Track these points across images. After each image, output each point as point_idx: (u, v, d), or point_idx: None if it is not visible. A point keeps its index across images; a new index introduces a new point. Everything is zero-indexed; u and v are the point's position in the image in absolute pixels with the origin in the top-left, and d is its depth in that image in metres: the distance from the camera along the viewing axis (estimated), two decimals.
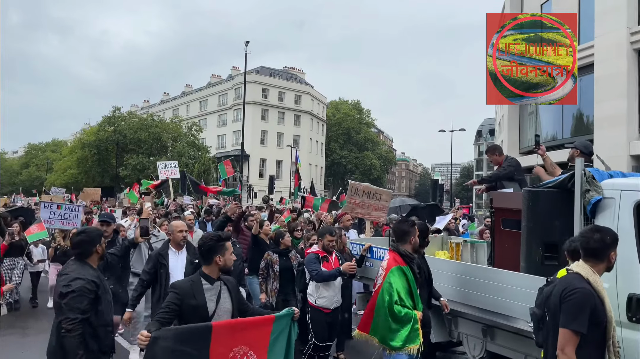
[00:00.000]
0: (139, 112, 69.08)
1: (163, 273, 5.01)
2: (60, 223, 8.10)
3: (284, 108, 59.82)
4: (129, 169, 43.91)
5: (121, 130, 45.90)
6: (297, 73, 67.38)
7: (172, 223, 5.78)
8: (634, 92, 15.42)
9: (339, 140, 67.54)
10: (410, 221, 4.49)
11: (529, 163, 21.29)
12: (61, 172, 52.19)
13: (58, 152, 67.93)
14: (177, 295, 3.26)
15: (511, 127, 22.55)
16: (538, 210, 4.62)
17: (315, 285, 5.54)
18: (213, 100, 63.57)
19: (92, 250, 3.77)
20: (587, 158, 4.98)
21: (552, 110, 20.11)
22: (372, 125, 75.45)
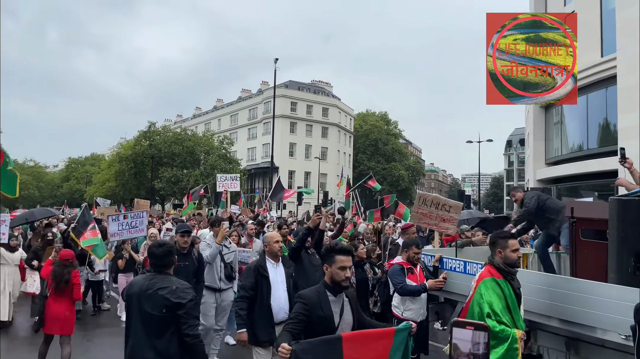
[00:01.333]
0: (172, 126, 71.48)
1: (265, 286, 4.72)
2: (129, 232, 8.17)
3: (311, 121, 60.91)
4: (163, 182, 45.56)
5: (156, 144, 47.73)
6: (325, 86, 68.51)
7: (267, 234, 5.52)
8: None
9: (367, 151, 68.05)
10: (503, 232, 4.21)
11: (555, 174, 21.48)
12: (100, 185, 54.44)
13: (96, 166, 70.73)
14: (305, 306, 3.20)
15: (537, 138, 22.70)
16: (629, 219, 4.45)
17: (401, 298, 5.40)
18: (243, 114, 65.25)
19: (172, 262, 3.83)
20: None
21: (578, 120, 20.26)
22: (399, 136, 75.67)
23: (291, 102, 59.59)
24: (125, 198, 45.27)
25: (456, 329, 2.83)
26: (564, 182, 21.44)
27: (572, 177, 20.39)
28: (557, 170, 21.10)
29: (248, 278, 4.77)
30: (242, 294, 4.71)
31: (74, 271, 6.22)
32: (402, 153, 71.86)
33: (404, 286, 5.26)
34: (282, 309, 4.70)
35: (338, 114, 63.65)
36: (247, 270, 4.92)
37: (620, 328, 3.79)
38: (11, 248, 8.83)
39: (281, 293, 4.77)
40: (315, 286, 3.41)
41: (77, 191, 72.44)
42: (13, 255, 8.83)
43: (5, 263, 8.70)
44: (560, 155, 21.27)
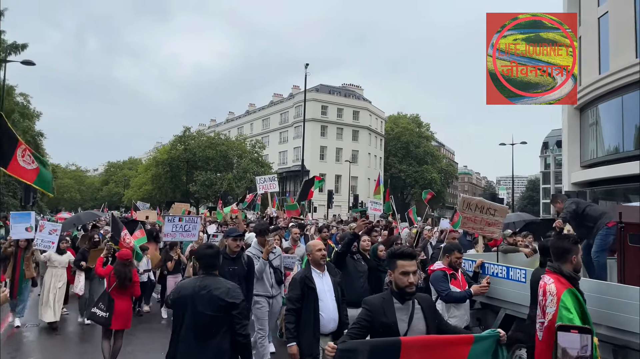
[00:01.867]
0: (206, 130, 73.13)
1: (312, 297, 4.60)
2: (181, 235, 8.20)
3: (342, 124, 61.16)
4: (198, 185, 46.78)
5: (191, 148, 49.08)
6: (355, 89, 68.66)
7: (309, 242, 5.37)
8: None
9: (398, 154, 67.74)
10: (572, 237, 3.92)
11: (590, 177, 21.01)
12: (137, 188, 56.32)
13: (134, 170, 73.11)
14: (369, 312, 3.13)
15: (572, 141, 22.26)
16: None
17: (445, 305, 5.21)
18: (275, 118, 66.12)
19: (219, 264, 4.00)
20: None
21: (614, 122, 19.80)
22: (431, 139, 74.97)
23: (322, 105, 60.00)
24: (161, 201, 46.74)
25: (561, 333, 2.92)
26: (599, 185, 20.96)
27: (608, 180, 19.92)
28: (592, 173, 20.65)
29: (294, 289, 4.65)
30: (290, 307, 4.59)
31: (134, 270, 6.64)
32: (434, 155, 71.16)
33: (449, 293, 5.08)
34: (332, 319, 4.66)
35: (369, 117, 63.68)
36: (293, 282, 4.82)
37: None
38: (60, 250, 9.11)
39: (330, 303, 4.68)
40: (382, 293, 3.36)
41: (116, 194, 75.08)
42: (61, 257, 9.16)
43: (52, 265, 9.03)
44: (596, 158, 20.81)
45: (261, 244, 6.41)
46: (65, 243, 9.38)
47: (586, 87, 20.39)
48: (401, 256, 3.19)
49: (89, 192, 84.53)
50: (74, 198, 76.65)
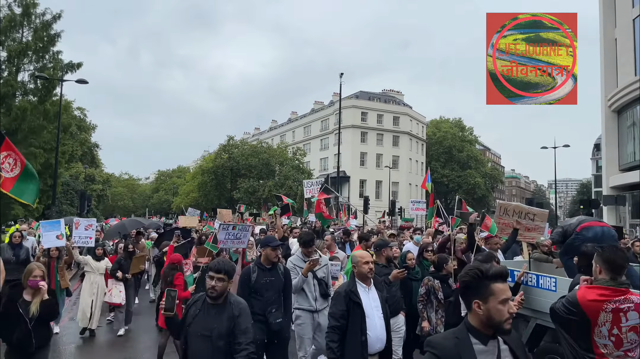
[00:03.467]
0: (250, 139, 75.26)
1: (358, 314, 4.19)
2: (232, 243, 8.14)
3: (382, 130, 61.42)
4: (241, 192, 48.37)
5: (235, 156, 50.87)
6: (396, 95, 68.76)
7: (355, 253, 4.78)
8: None
9: (440, 159, 67.15)
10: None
11: (629, 181, 20.52)
12: (185, 196, 58.76)
13: (182, 178, 76.14)
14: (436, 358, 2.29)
15: (609, 143, 21.81)
16: None
17: None
18: (316, 126, 67.22)
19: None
20: None
21: None
22: (475, 143, 73.80)
23: (361, 112, 60.55)
24: (207, 208, 48.68)
25: None
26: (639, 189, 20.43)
27: None
28: (631, 177, 20.17)
29: (338, 304, 4.23)
30: (333, 324, 4.18)
31: (177, 273, 7.03)
32: (477, 159, 70.02)
33: None
34: (379, 339, 4.25)
35: (409, 122, 63.59)
36: (336, 296, 4.34)
37: None
38: (97, 256, 9.19)
39: (377, 321, 4.26)
40: (453, 330, 2.43)
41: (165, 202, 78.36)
42: (99, 263, 9.15)
43: (91, 271, 9.05)
44: (635, 161, 20.32)
45: (306, 255, 5.91)
46: (100, 249, 9.42)
47: (623, 89, 20.01)
48: (497, 278, 2.31)
49: (140, 200, 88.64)
50: (127, 206, 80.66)
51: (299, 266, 5.84)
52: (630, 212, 20.02)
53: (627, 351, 3.26)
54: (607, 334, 3.27)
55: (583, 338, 3.33)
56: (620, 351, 3.25)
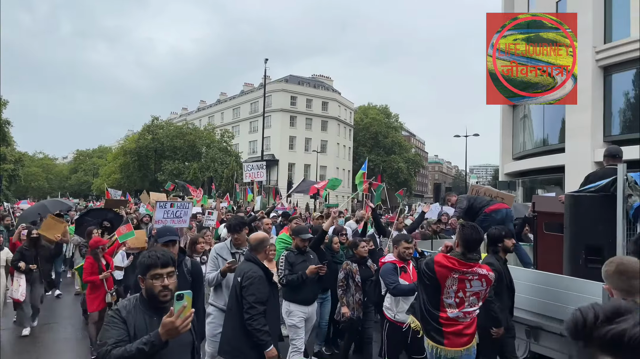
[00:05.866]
0: (177, 119, 73.43)
1: (275, 295, 4.35)
2: (172, 221, 7.58)
3: (311, 115, 62.40)
4: (166, 174, 47.49)
5: (159, 138, 49.68)
6: (325, 80, 69.88)
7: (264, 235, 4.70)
8: (598, 106, 16.94)
9: (367, 144, 69.34)
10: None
11: (520, 168, 22.86)
12: (106, 177, 56.61)
13: (103, 158, 72.96)
14: None
15: (505, 134, 24.03)
16: (581, 214, 4.61)
17: (394, 299, 5.07)
18: (245, 108, 66.86)
19: None
20: (618, 161, 5.05)
21: (540, 116, 21.59)
22: (400, 129, 76.78)
23: (291, 96, 61.09)
24: (130, 190, 47.34)
25: None
26: (528, 176, 22.83)
27: (536, 171, 21.78)
28: (521, 165, 22.46)
29: (262, 288, 4.12)
30: (262, 309, 4.06)
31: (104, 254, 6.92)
32: (402, 145, 72.92)
33: (397, 286, 4.93)
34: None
35: (338, 108, 65.04)
36: (257, 281, 4.14)
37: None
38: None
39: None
40: None
41: (85, 183, 74.80)
42: None
43: None
44: (525, 150, 22.63)
45: (235, 244, 5.15)
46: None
47: None
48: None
49: (57, 181, 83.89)
50: (42, 187, 76.14)
51: (221, 257, 5.04)
52: (522, 196, 22.31)
53: (466, 312, 3.92)
54: (453, 295, 3.84)
55: (435, 296, 3.89)
56: (461, 311, 3.88)
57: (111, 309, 2.63)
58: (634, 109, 16.99)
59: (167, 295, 2.59)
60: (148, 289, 2.62)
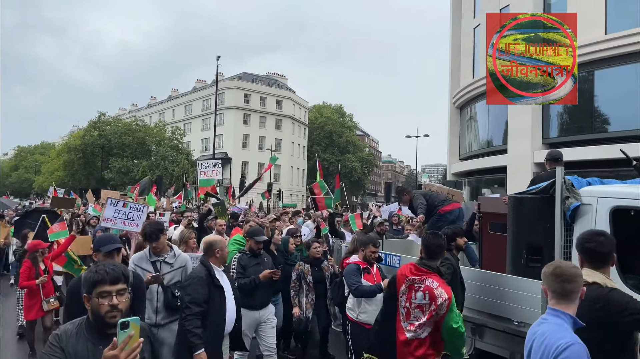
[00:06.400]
0: (126, 115, 71.03)
1: (218, 297, 4.24)
2: (123, 223, 7.08)
3: (265, 113, 62.00)
4: (113, 172, 45.87)
5: (106, 134, 47.89)
6: (279, 78, 69.62)
7: (216, 238, 4.64)
8: (538, 110, 17.78)
9: (321, 143, 69.61)
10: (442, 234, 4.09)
11: (466, 168, 23.65)
12: (49, 175, 54.03)
13: (47, 155, 69.57)
14: None
15: (452, 135, 24.82)
16: (522, 215, 4.75)
17: (356, 299, 5.08)
18: (197, 105, 65.58)
19: None
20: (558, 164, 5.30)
21: (485, 118, 22.42)
22: (355, 129, 77.62)
23: (245, 93, 60.45)
24: (75, 189, 45.38)
25: None
26: (474, 175, 23.66)
27: (481, 171, 22.60)
28: (467, 165, 23.24)
29: (200, 289, 4.11)
30: (196, 310, 4.04)
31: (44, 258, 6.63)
32: (355, 145, 73.73)
33: (358, 287, 4.96)
34: (231, 320, 4.40)
35: (292, 106, 64.96)
36: (197, 281, 4.16)
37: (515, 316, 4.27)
38: None
39: (230, 303, 4.39)
40: None
41: (26, 181, 71.16)
42: None
43: None
44: (471, 151, 23.43)
45: (154, 253, 4.69)
46: None
47: (464, 88, 22.88)
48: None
49: None
50: None
51: (140, 268, 4.56)
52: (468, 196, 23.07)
53: (412, 324, 3.72)
54: (403, 304, 3.77)
55: (394, 303, 3.86)
56: (408, 322, 3.75)
57: (52, 334, 2.27)
58: (570, 113, 17.94)
59: (116, 317, 2.24)
60: (94, 310, 2.26)
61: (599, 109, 16.86)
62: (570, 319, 2.28)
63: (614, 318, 2.56)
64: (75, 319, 2.36)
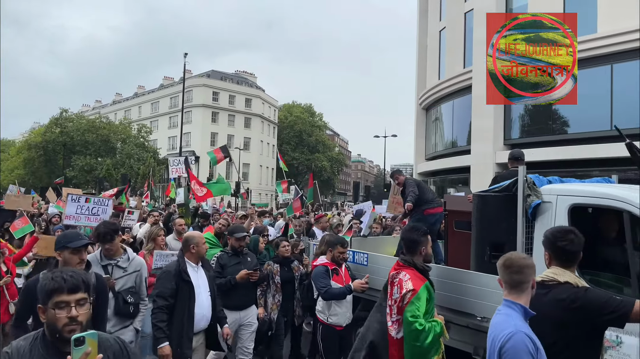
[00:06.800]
0: (90, 112, 69.09)
1: (187, 292, 4.23)
2: (87, 219, 6.88)
3: (234, 111, 61.49)
4: (76, 170, 44.61)
5: (68, 131, 46.52)
6: (248, 77, 69.14)
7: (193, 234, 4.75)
8: (499, 111, 18.33)
9: (291, 142, 69.54)
10: (421, 229, 3.95)
11: (431, 168, 24.13)
12: (8, 173, 52.04)
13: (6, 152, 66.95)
14: None
15: (419, 135, 25.28)
16: (486, 213, 4.84)
17: (326, 302, 5.03)
18: (165, 102, 64.45)
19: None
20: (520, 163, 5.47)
21: (450, 120, 22.93)
22: (324, 128, 77.85)
23: (213, 91, 59.78)
24: (35, 187, 43.87)
25: None
26: (439, 175, 24.16)
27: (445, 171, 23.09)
28: (433, 165, 23.72)
29: (167, 283, 4.17)
30: (162, 304, 4.11)
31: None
32: (325, 144, 73.99)
33: (328, 291, 4.88)
34: (204, 316, 4.39)
35: (261, 105, 64.62)
36: (165, 275, 4.26)
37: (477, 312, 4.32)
38: None
39: (204, 299, 4.37)
40: None
41: None
42: None
43: None
44: (436, 151, 23.92)
45: (106, 256, 4.43)
46: None
47: (430, 90, 23.31)
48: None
49: None
50: None
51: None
52: None
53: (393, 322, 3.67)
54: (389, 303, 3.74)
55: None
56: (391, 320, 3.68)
57: (2, 353, 2.05)
58: (531, 115, 18.54)
59: (75, 330, 1.98)
60: (49, 322, 2.00)
61: (558, 112, 17.50)
62: (521, 309, 2.34)
63: (593, 318, 2.55)
64: (28, 334, 2.13)
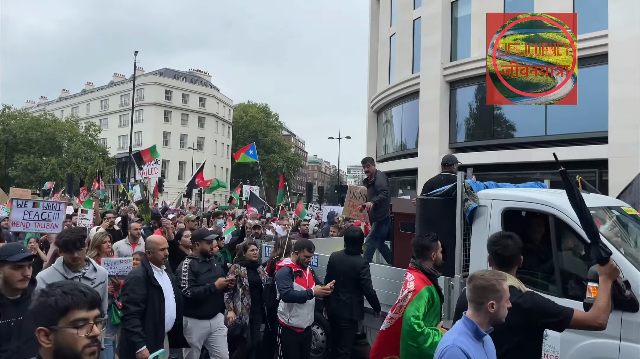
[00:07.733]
0: (34, 108, 66.02)
1: (156, 297, 4.31)
2: (37, 225, 6.45)
3: (187, 110, 60.50)
4: (19, 169, 42.68)
5: (11, 129, 44.40)
6: (203, 76, 68.17)
7: (152, 238, 4.74)
8: (445, 116, 19.14)
9: (246, 142, 68.76)
10: (432, 235, 4.09)
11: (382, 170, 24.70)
12: None
13: None
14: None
15: (370, 138, 25.88)
16: (428, 215, 5.05)
17: (287, 303, 5.09)
18: (115, 100, 62.59)
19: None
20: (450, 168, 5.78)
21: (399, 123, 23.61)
22: (280, 129, 77.80)
23: (166, 90, 58.59)
24: None
25: None
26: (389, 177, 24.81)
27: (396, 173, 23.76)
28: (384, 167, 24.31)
29: (138, 289, 4.20)
30: (134, 310, 4.14)
31: None
32: (281, 145, 73.98)
33: (289, 292, 4.96)
34: (171, 318, 4.51)
35: (216, 104, 63.89)
36: (134, 281, 4.27)
37: None
38: None
39: (170, 302, 4.48)
40: None
41: None
42: None
43: None
44: (387, 154, 24.57)
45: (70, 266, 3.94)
46: None
47: (381, 94, 23.94)
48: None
49: None
50: None
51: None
52: None
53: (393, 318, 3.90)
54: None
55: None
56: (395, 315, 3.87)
57: None
58: (475, 120, 19.44)
59: (95, 353, 1.72)
60: (62, 345, 1.66)
61: (500, 116, 18.44)
62: (471, 326, 2.39)
63: (538, 320, 2.73)
64: None
